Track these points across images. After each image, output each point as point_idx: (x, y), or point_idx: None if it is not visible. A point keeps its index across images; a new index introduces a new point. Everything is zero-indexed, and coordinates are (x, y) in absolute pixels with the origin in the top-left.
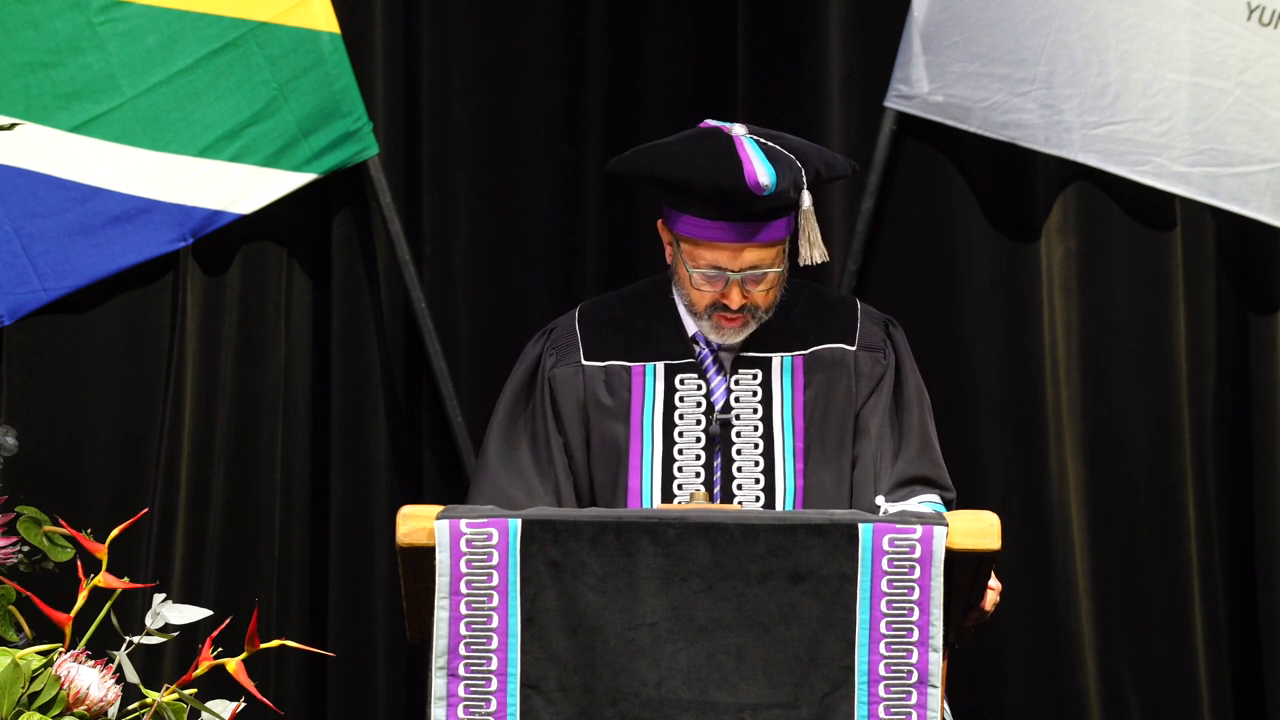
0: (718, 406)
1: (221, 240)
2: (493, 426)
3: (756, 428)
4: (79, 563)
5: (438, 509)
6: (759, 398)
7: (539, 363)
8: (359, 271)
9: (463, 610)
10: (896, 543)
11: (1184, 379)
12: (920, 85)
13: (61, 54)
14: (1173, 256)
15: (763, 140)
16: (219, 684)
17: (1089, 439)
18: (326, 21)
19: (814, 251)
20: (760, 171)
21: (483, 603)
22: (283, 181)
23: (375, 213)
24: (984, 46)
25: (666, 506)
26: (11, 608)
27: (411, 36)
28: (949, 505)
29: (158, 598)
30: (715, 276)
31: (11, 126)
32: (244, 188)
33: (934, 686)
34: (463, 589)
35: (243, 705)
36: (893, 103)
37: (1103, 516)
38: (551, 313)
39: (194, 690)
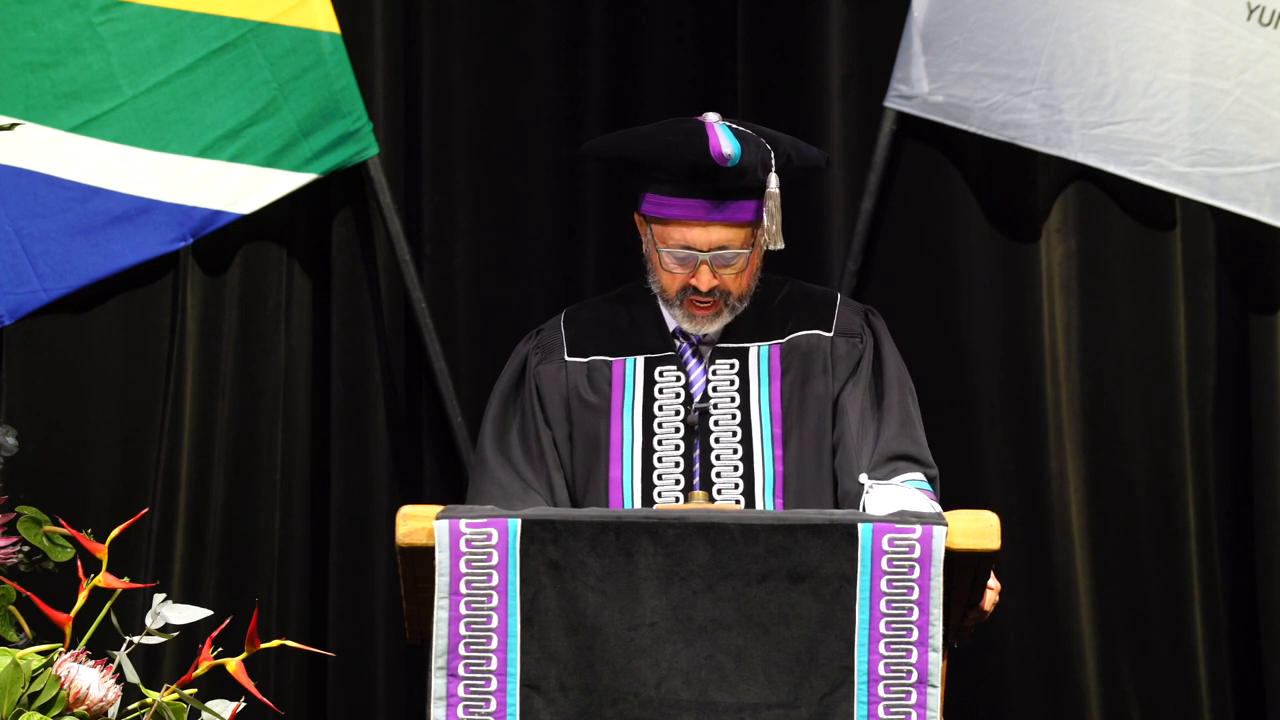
0: (696, 397)
1: (221, 240)
2: (485, 425)
3: (735, 416)
4: (79, 563)
5: (437, 509)
6: (736, 386)
7: (526, 362)
8: (359, 271)
9: (462, 610)
10: (896, 543)
11: (1184, 379)
12: (920, 85)
13: (61, 54)
14: (1173, 256)
15: (733, 124)
16: (219, 684)
17: (1089, 439)
18: (326, 21)
19: (774, 238)
20: (725, 144)
21: (482, 603)
22: (283, 181)
23: (375, 213)
24: (984, 46)
25: (666, 506)
26: (11, 608)
27: (411, 36)
28: (932, 482)
29: (158, 598)
30: (685, 258)
31: (11, 126)
32: (244, 188)
33: (933, 686)
34: (462, 589)
35: (243, 705)
36: (893, 103)
37: (1103, 516)
38: (552, 313)
39: (194, 690)
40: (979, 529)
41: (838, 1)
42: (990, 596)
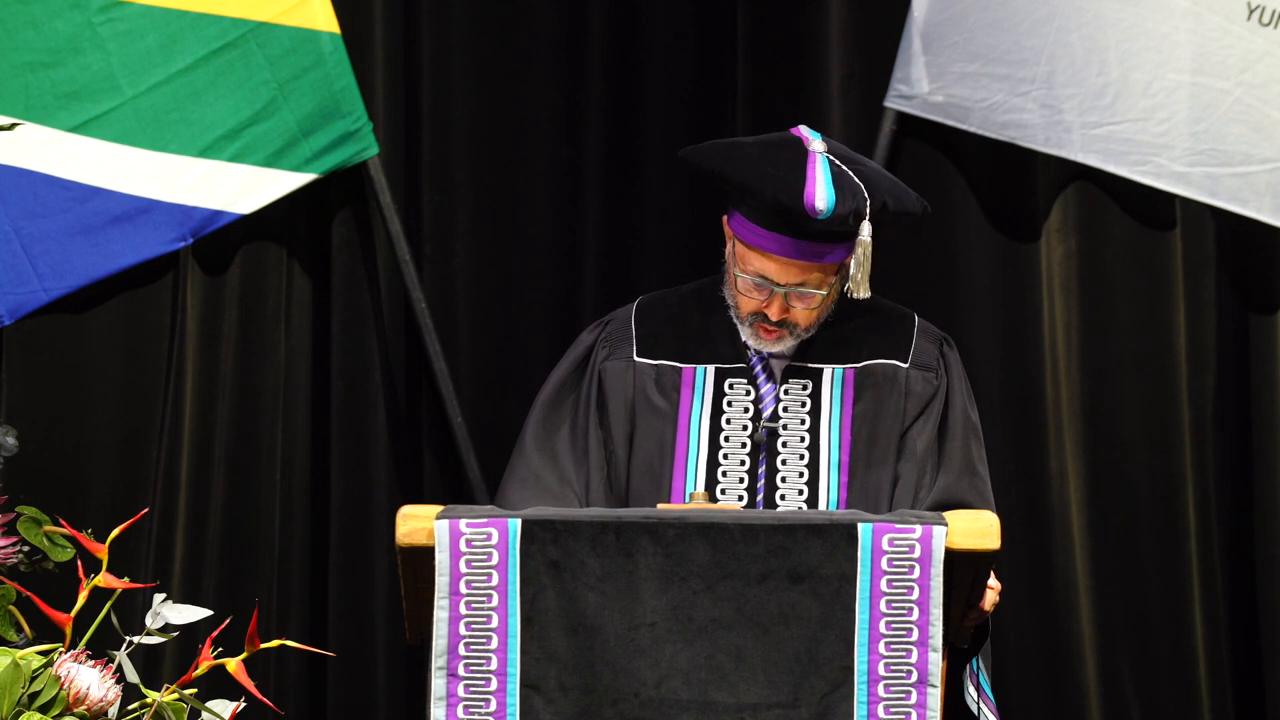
0: (765, 414)
1: (221, 240)
2: (535, 408)
3: (803, 438)
4: (79, 563)
5: (437, 509)
6: (807, 408)
7: (591, 353)
8: (359, 271)
9: (462, 610)
10: (896, 542)
11: (1184, 379)
12: (920, 85)
13: (61, 54)
14: (1173, 256)
15: (836, 163)
16: (219, 684)
17: (1089, 439)
18: (326, 21)
19: (859, 286)
20: (820, 195)
21: (482, 603)
22: (283, 181)
23: (375, 213)
24: (984, 46)
25: (666, 507)
26: (11, 608)
27: (411, 36)
28: None
29: (158, 598)
30: (761, 285)
31: (11, 126)
32: (244, 188)
33: (933, 686)
34: (462, 589)
35: (243, 705)
36: (893, 103)
37: (1103, 516)
38: (552, 313)
39: (194, 690)
40: (979, 529)
41: (838, 1)
42: (990, 596)
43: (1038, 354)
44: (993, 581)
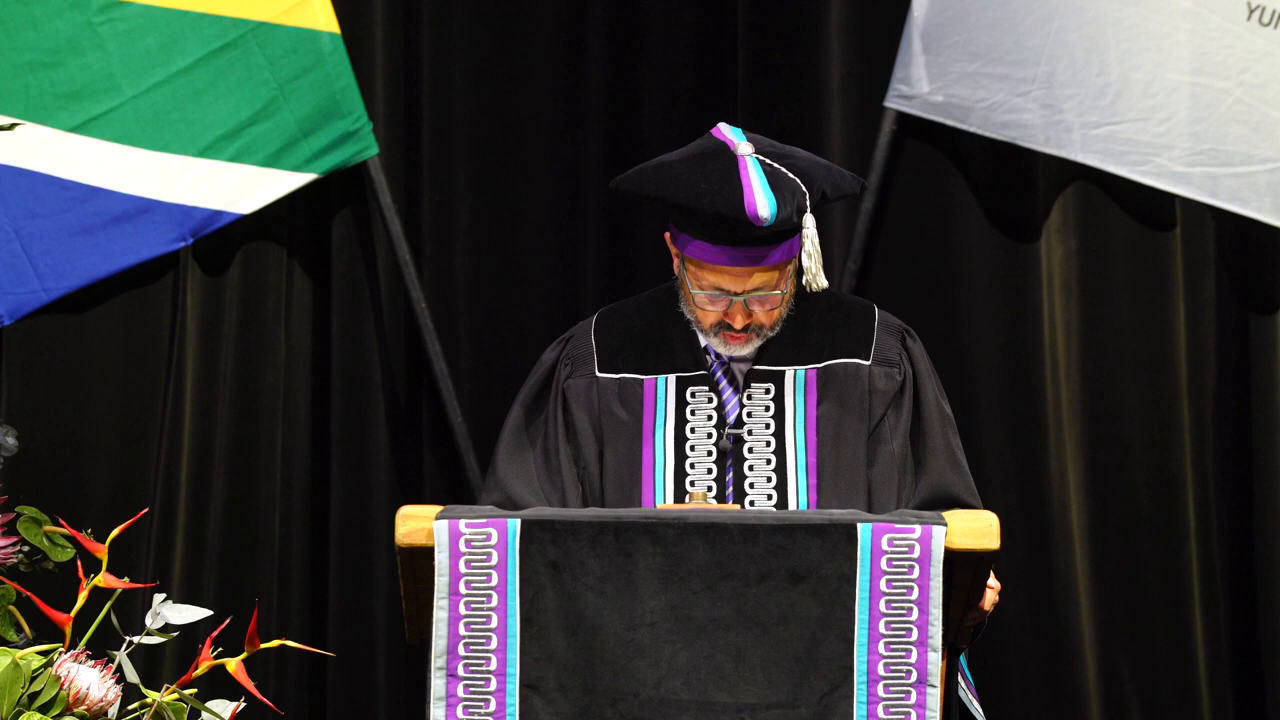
0: (730, 420)
1: (221, 240)
2: (504, 432)
3: (769, 443)
4: (79, 563)
5: (437, 509)
6: (771, 412)
7: (554, 371)
8: (359, 271)
9: (462, 610)
10: (895, 542)
11: (1184, 379)
12: (920, 85)
13: (61, 54)
14: (1173, 256)
15: (768, 163)
16: (219, 684)
17: (1089, 439)
18: (326, 21)
19: (815, 278)
20: (760, 202)
21: (482, 603)
22: (283, 181)
23: (375, 213)
24: (984, 46)
25: (666, 507)
26: (11, 608)
27: (411, 36)
28: None
29: (158, 598)
30: (718, 297)
31: (11, 126)
32: (244, 188)
33: (933, 686)
34: (462, 589)
35: (243, 705)
36: (893, 103)
37: (1103, 516)
38: (552, 313)
39: (194, 690)
40: (978, 529)
41: (838, 1)
42: (990, 596)
43: (1038, 354)
44: (992, 581)
